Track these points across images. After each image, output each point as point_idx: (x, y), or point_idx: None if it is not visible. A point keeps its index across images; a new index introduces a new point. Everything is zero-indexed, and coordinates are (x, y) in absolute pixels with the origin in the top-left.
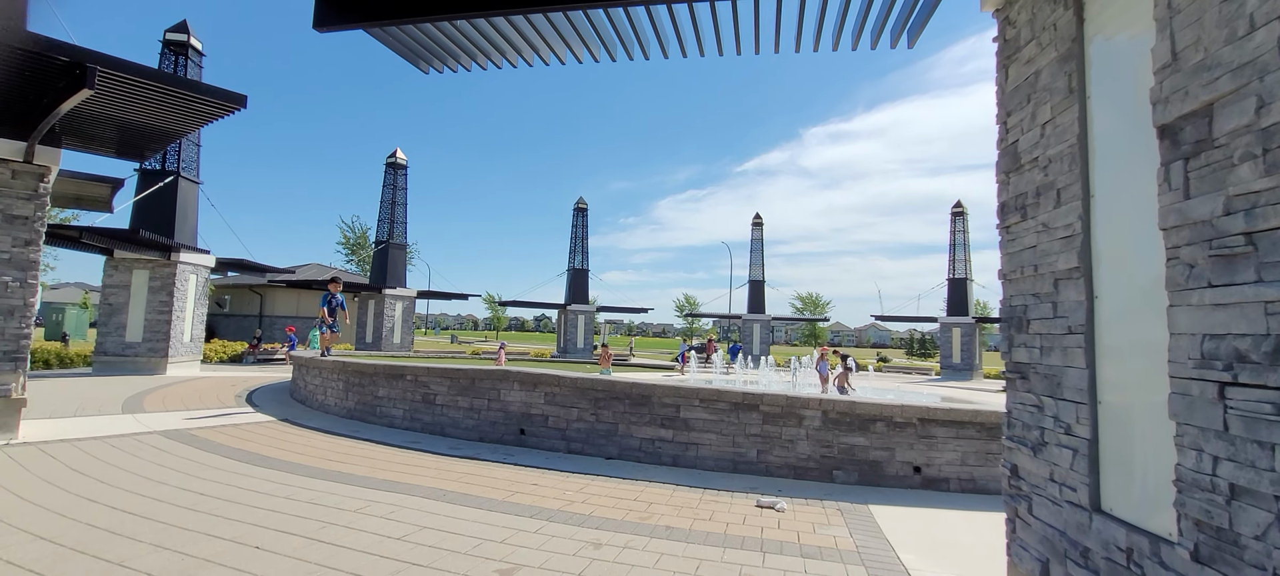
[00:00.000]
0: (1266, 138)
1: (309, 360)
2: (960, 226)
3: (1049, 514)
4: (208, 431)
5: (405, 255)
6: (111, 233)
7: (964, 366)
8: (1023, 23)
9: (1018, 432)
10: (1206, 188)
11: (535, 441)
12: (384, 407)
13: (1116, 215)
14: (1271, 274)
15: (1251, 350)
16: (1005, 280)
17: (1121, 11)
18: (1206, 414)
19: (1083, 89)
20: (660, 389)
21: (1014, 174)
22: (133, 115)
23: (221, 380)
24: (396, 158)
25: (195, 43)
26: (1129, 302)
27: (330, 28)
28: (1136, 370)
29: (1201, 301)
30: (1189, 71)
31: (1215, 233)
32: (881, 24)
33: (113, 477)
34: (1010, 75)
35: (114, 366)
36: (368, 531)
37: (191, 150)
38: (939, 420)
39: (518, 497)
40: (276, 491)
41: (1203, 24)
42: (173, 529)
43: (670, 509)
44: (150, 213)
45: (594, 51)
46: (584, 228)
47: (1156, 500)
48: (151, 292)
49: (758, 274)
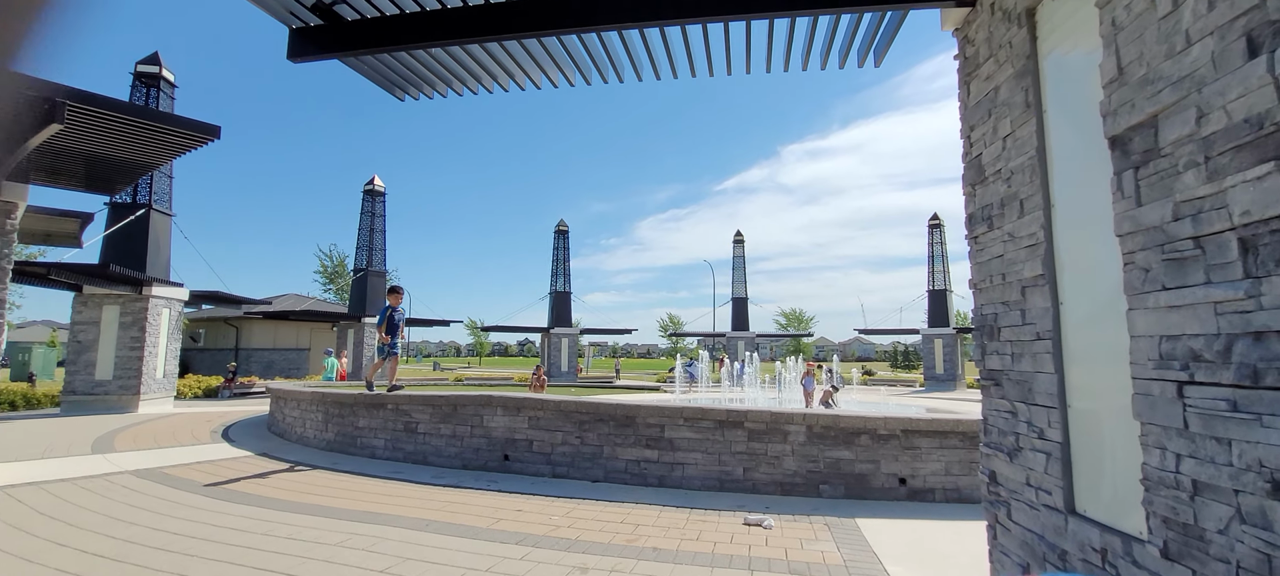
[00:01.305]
0: (1207, 146)
1: (290, 393)
2: (938, 238)
3: (1027, 518)
4: (181, 469)
5: (384, 282)
6: (81, 268)
7: (947, 377)
8: (981, 41)
9: (994, 439)
10: (1156, 195)
11: (520, 467)
12: (365, 438)
13: (1076, 223)
14: (1219, 275)
15: (1205, 349)
16: (976, 289)
17: (1071, 30)
18: (1167, 413)
19: (1039, 103)
20: (645, 409)
21: (979, 186)
22: (103, 149)
23: (196, 416)
24: (374, 185)
25: (167, 74)
26: (1092, 307)
27: (305, 59)
28: (1102, 373)
29: (1157, 304)
30: (1134, 85)
31: (1166, 238)
32: (848, 43)
33: (82, 520)
34: (971, 91)
35: (84, 406)
36: (349, 565)
37: (164, 182)
38: (922, 431)
39: (502, 525)
40: (253, 527)
41: (1145, 40)
42: (145, 570)
43: (657, 530)
44: (121, 246)
45: (569, 76)
46: (566, 250)
47: (1127, 500)
48: (122, 328)
49: (740, 291)
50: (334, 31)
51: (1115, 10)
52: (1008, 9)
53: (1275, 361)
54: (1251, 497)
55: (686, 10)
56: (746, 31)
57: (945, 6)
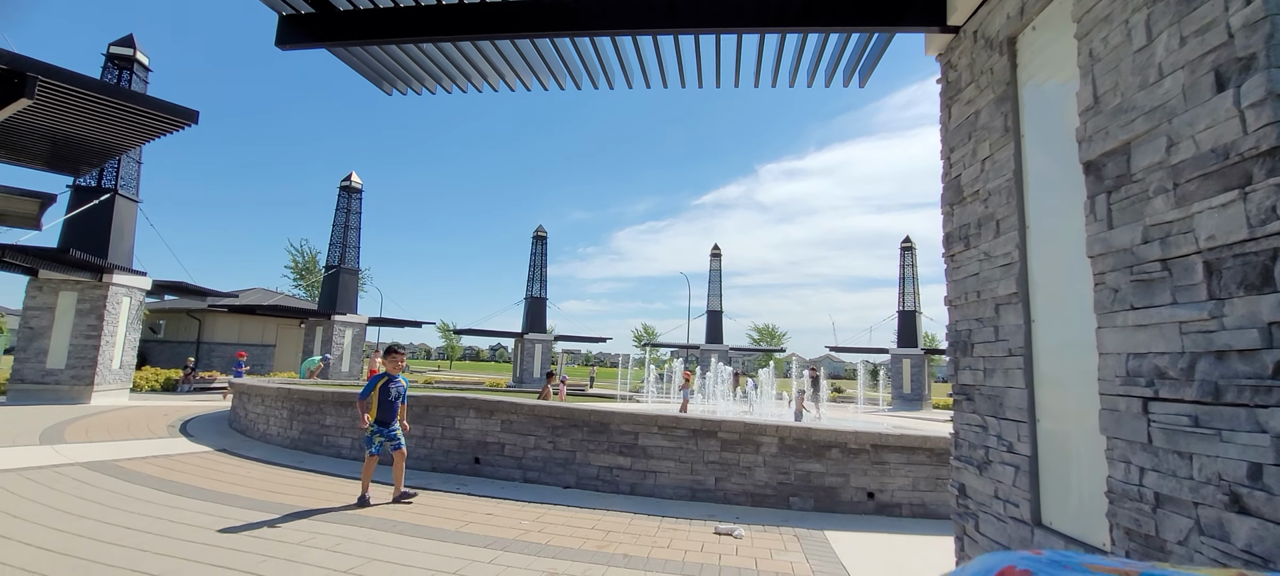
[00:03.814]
0: (1176, 173)
1: (253, 388)
2: (909, 261)
3: (995, 530)
4: (135, 463)
5: (357, 280)
6: (37, 251)
7: (913, 396)
8: (963, 67)
9: (965, 452)
10: (1127, 218)
11: (491, 470)
12: (331, 437)
13: (1050, 244)
14: (1185, 296)
15: (1169, 367)
16: (951, 306)
17: (1050, 59)
18: (1132, 427)
19: (1017, 128)
20: (618, 416)
21: (957, 206)
22: (73, 128)
23: (153, 409)
24: (351, 181)
25: (141, 57)
26: (1063, 326)
27: (293, 46)
28: (1071, 389)
29: (1125, 323)
30: (1109, 113)
31: (1135, 259)
32: (835, 64)
33: (27, 512)
34: (952, 114)
35: (32, 395)
36: (311, 564)
37: (132, 166)
38: (891, 446)
39: (471, 527)
40: (211, 524)
41: (1120, 71)
42: (94, 565)
43: (628, 537)
44: (83, 231)
45: (559, 79)
46: (543, 256)
47: (1092, 513)
48: (79, 316)
49: (716, 304)
50: (325, 20)
51: (1093, 42)
52: (990, 36)
53: (1235, 379)
54: (1210, 510)
55: (681, 20)
56: (737, 45)
57: (930, 32)
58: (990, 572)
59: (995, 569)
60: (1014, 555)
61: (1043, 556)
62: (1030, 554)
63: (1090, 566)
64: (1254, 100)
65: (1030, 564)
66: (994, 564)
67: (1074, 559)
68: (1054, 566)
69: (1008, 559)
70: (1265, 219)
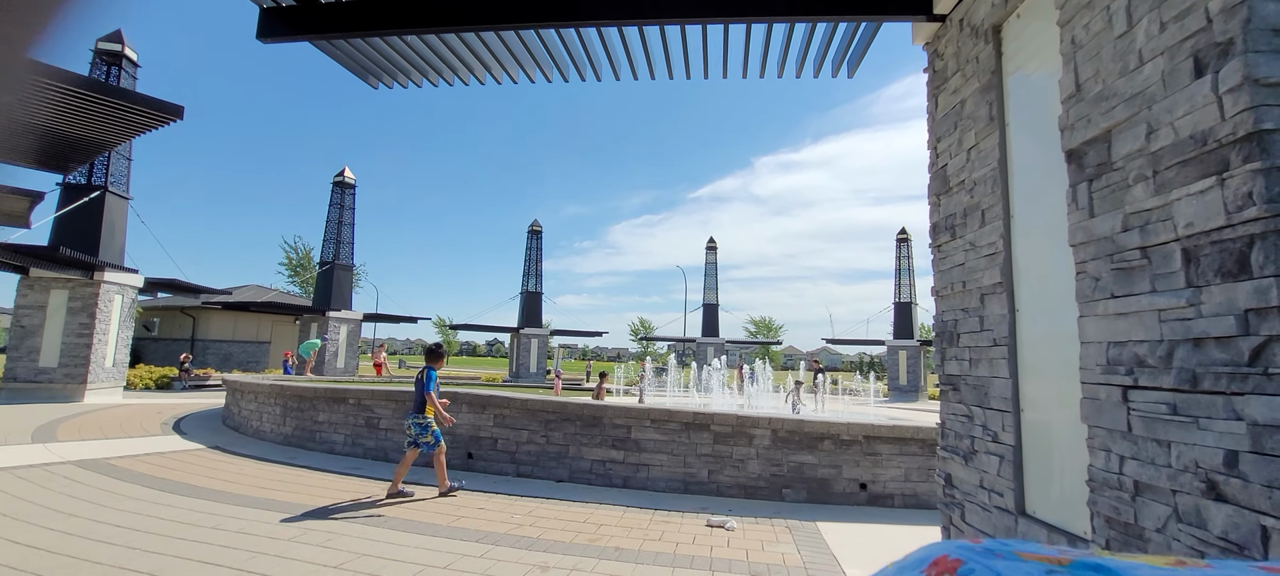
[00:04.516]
0: (1155, 160)
1: (247, 385)
2: (905, 253)
3: (980, 520)
4: (127, 461)
5: (351, 277)
6: (28, 249)
7: (909, 388)
8: (950, 55)
9: (950, 442)
10: (1108, 206)
11: (483, 464)
12: (324, 433)
13: (1034, 233)
14: (1164, 284)
15: (1148, 355)
16: (937, 296)
17: (1034, 47)
18: (1113, 416)
19: (1002, 117)
20: (611, 410)
21: (944, 196)
22: (60, 124)
23: (147, 407)
24: (345, 176)
25: (130, 53)
26: (1046, 315)
27: (274, 39)
28: (1054, 379)
29: (1106, 311)
30: (1090, 101)
31: (1116, 248)
32: (823, 54)
33: (18, 510)
34: (939, 104)
35: (24, 394)
36: (301, 560)
37: (122, 163)
38: (883, 437)
39: (463, 522)
40: (202, 521)
41: (1101, 58)
42: (84, 563)
43: (620, 530)
44: (73, 229)
45: (546, 72)
46: (538, 250)
47: (1073, 501)
48: (71, 314)
49: (712, 298)
50: (307, 12)
51: (1075, 29)
52: (976, 25)
53: (1212, 367)
54: (1188, 497)
55: (667, 10)
56: (724, 35)
57: (917, 20)
58: (923, 564)
59: (928, 559)
60: (949, 544)
61: (980, 546)
62: (966, 543)
63: (1023, 555)
64: (1231, 86)
65: (963, 552)
66: (928, 554)
67: (1008, 547)
68: (987, 555)
69: (942, 548)
70: (1242, 205)
